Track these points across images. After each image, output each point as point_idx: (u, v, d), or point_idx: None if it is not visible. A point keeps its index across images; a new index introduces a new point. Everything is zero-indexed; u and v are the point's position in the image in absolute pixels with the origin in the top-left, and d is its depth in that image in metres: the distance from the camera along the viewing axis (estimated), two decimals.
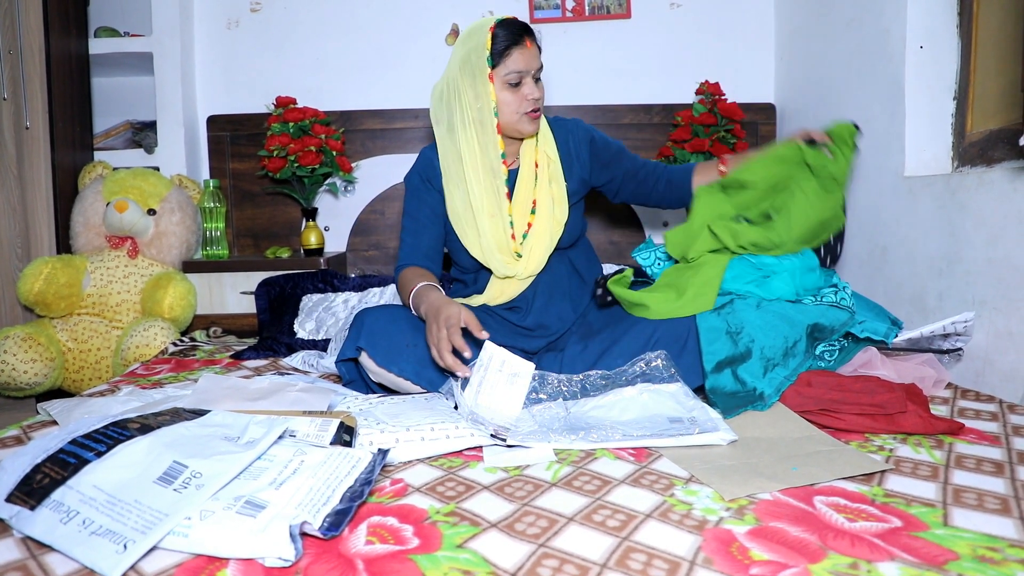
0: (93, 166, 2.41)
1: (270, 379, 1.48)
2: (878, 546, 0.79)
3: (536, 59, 1.47)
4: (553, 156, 1.56)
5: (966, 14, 1.74)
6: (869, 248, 2.02)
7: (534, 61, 1.46)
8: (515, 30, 1.45)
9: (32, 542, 0.82)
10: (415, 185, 1.61)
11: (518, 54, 1.44)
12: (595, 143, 1.64)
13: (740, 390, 1.30)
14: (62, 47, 2.35)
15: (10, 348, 2.02)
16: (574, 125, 1.65)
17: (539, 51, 1.49)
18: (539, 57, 1.48)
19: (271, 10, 2.71)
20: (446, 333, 1.24)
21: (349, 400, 1.32)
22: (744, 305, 1.39)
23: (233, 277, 2.38)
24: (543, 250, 1.54)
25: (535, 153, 1.56)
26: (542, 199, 1.54)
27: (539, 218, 1.53)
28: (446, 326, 1.24)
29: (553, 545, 0.81)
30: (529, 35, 1.46)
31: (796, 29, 2.55)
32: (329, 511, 0.84)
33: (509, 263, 1.54)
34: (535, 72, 1.47)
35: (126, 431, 0.94)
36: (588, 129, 1.66)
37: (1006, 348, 1.47)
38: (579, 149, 1.62)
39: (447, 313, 1.27)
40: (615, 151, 1.66)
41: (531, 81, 1.47)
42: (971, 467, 1.03)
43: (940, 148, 1.82)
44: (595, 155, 1.64)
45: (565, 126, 1.63)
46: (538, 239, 1.53)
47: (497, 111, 1.47)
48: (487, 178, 1.51)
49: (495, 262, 1.54)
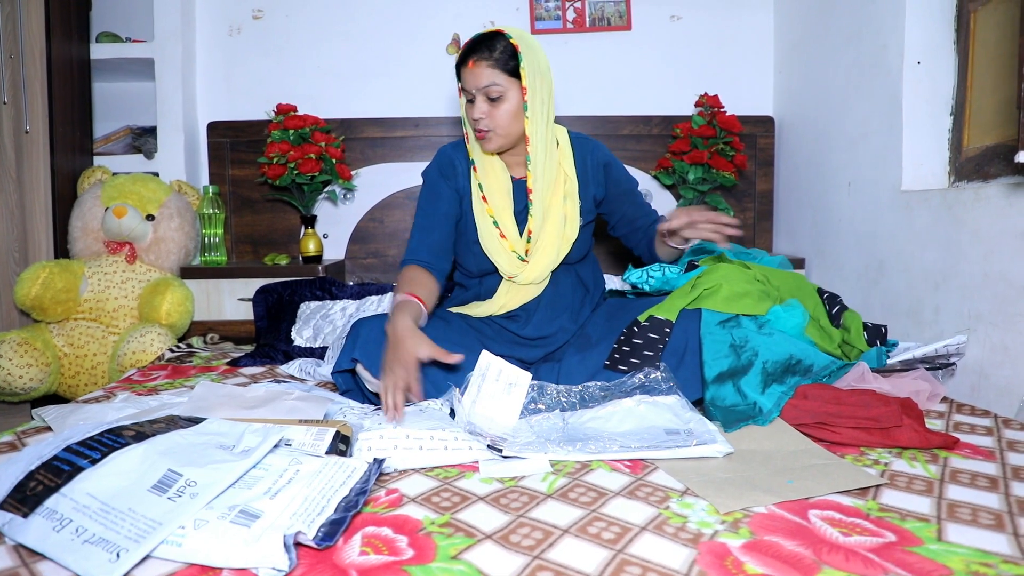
0: (92, 171, 2.41)
1: (266, 387, 1.48)
2: (872, 561, 0.79)
3: (477, 79, 1.43)
4: (571, 173, 1.56)
5: (963, 31, 1.76)
6: (866, 262, 2.03)
7: (473, 80, 1.44)
8: (465, 49, 1.46)
9: (25, 550, 0.82)
10: (432, 179, 1.61)
11: (464, 73, 1.46)
12: (611, 172, 1.64)
13: (740, 403, 1.30)
14: (63, 52, 2.35)
15: (6, 353, 2.02)
16: (594, 146, 1.64)
17: (496, 68, 1.43)
18: (486, 77, 1.43)
19: (273, 17, 2.72)
20: (403, 375, 1.23)
21: (345, 409, 1.32)
22: (749, 321, 1.41)
23: (231, 284, 2.38)
24: (546, 264, 1.54)
25: (546, 171, 1.54)
26: (555, 215, 1.54)
27: (547, 233, 1.53)
28: (404, 366, 1.25)
29: (548, 557, 0.81)
30: (475, 54, 1.43)
31: (795, 43, 2.56)
32: (324, 521, 0.84)
33: (511, 264, 1.54)
34: (479, 91, 1.44)
35: (121, 438, 0.94)
36: (608, 155, 1.65)
37: (1001, 362, 1.48)
38: (596, 170, 1.61)
39: (407, 348, 1.27)
40: (625, 190, 1.66)
41: (479, 100, 1.45)
42: (966, 482, 1.03)
43: (937, 163, 1.83)
44: (608, 183, 1.64)
45: (585, 145, 1.62)
46: (543, 252, 1.53)
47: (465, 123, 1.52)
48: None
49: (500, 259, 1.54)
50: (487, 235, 1.54)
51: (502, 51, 1.43)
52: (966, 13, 1.74)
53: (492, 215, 1.54)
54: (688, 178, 2.46)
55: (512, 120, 1.47)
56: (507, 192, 1.55)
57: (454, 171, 1.60)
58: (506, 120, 1.46)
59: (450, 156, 1.61)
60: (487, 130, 1.47)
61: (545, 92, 1.49)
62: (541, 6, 2.69)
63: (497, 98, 1.45)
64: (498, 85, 1.44)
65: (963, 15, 1.75)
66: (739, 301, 1.43)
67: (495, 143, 1.49)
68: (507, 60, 1.44)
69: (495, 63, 1.43)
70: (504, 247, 1.53)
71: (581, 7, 2.69)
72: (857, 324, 1.55)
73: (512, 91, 1.45)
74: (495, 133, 1.48)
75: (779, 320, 1.44)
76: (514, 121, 1.47)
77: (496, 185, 1.55)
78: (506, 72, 1.44)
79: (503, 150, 1.53)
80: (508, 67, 1.44)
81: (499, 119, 1.46)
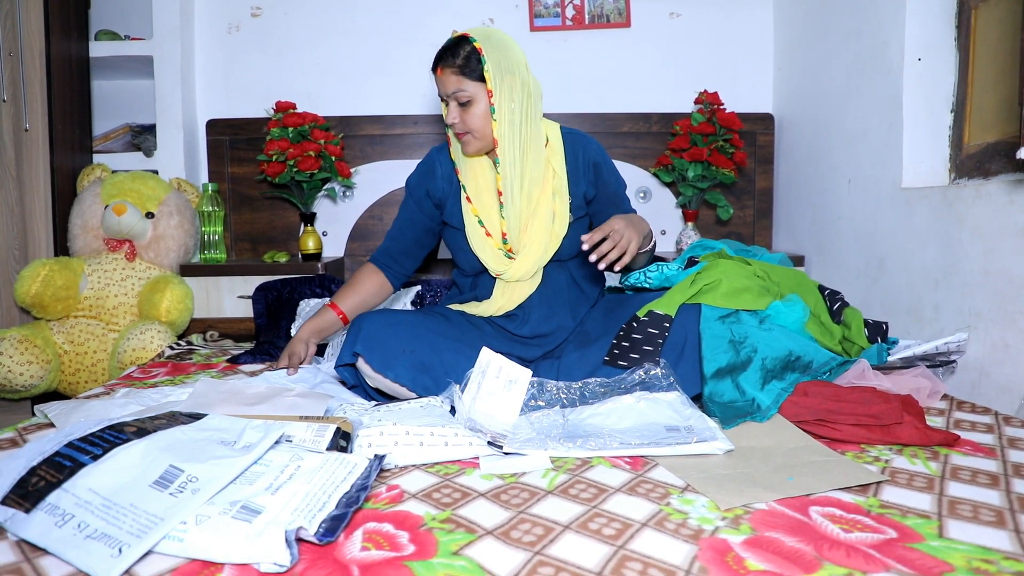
0: (92, 169, 2.41)
1: (267, 383, 1.48)
2: (873, 557, 0.79)
3: (445, 85, 1.47)
4: (560, 170, 1.55)
5: (964, 27, 1.75)
6: (866, 259, 2.03)
7: (442, 87, 1.47)
8: (436, 56, 1.49)
9: (27, 545, 0.82)
10: (411, 185, 1.65)
11: (436, 79, 1.49)
12: (600, 172, 1.59)
13: (739, 399, 1.30)
14: (62, 50, 2.35)
15: (6, 350, 2.02)
16: (586, 143, 1.61)
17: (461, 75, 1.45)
18: (453, 84, 1.45)
19: (272, 15, 2.72)
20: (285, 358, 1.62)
21: (346, 406, 1.32)
22: (749, 316, 1.40)
23: (231, 281, 2.38)
24: (534, 261, 1.53)
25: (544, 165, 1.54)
26: (543, 211, 1.54)
27: (534, 229, 1.53)
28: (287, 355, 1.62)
29: (548, 553, 0.81)
30: (441, 62, 1.46)
31: (795, 40, 2.56)
32: (325, 517, 0.84)
33: (498, 261, 1.55)
34: (449, 96, 1.47)
35: (122, 434, 0.94)
36: (600, 155, 1.61)
37: (1002, 360, 1.48)
38: (587, 168, 1.59)
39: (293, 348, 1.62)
40: (611, 193, 1.61)
41: (451, 105, 1.48)
42: (966, 479, 1.03)
43: (937, 160, 1.83)
44: (597, 184, 1.60)
45: (577, 141, 1.60)
46: (530, 249, 1.53)
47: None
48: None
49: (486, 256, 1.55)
50: (473, 234, 1.56)
51: (465, 57, 1.45)
52: (967, 10, 1.74)
53: (477, 214, 1.55)
54: (688, 175, 2.46)
55: (484, 122, 1.48)
56: (493, 190, 1.55)
57: (433, 175, 1.62)
58: (479, 123, 1.47)
59: (432, 160, 1.63)
60: (464, 132, 1.49)
61: (519, 91, 1.46)
62: (540, 3, 2.69)
63: (467, 103, 1.47)
64: (464, 91, 1.46)
65: (964, 12, 1.75)
66: (739, 296, 1.43)
67: (474, 146, 1.51)
68: (472, 65, 1.45)
69: (458, 69, 1.45)
70: (489, 244, 1.54)
71: (580, 4, 2.69)
72: (858, 321, 1.56)
73: (480, 94, 1.46)
74: (472, 136, 1.49)
75: (779, 315, 1.44)
76: (486, 123, 1.48)
77: (482, 184, 1.55)
78: (471, 78, 1.45)
79: (484, 151, 1.53)
80: (474, 73, 1.45)
81: (471, 122, 1.48)
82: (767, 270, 1.52)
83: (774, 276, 1.51)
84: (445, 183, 1.61)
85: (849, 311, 1.58)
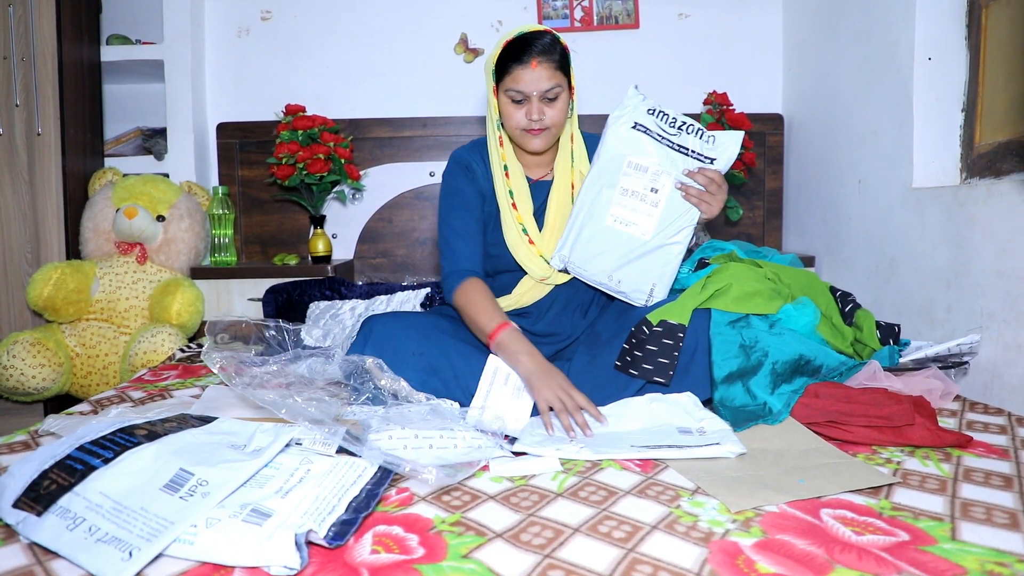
0: (103, 172, 2.43)
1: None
2: (885, 560, 0.79)
3: (539, 82, 1.40)
4: (585, 172, 1.55)
5: (975, 26, 1.74)
6: (877, 259, 2.02)
7: (533, 84, 1.40)
8: (519, 48, 1.41)
9: (38, 548, 0.83)
10: (459, 184, 1.56)
11: (519, 73, 1.41)
12: None
13: (750, 403, 1.29)
14: (74, 54, 2.37)
15: (18, 353, 2.03)
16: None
17: (557, 70, 1.41)
18: (549, 79, 1.40)
19: (281, 19, 2.73)
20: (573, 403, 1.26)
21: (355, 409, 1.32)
22: (759, 321, 1.40)
23: (241, 284, 2.39)
24: None
25: (571, 172, 1.54)
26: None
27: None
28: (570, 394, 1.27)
29: (558, 556, 0.81)
30: (537, 55, 1.39)
31: (804, 40, 2.55)
32: (335, 520, 0.84)
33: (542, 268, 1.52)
34: (541, 94, 1.41)
35: (133, 438, 0.94)
36: None
37: (1015, 361, 1.46)
38: None
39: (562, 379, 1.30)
40: None
41: (534, 101, 1.42)
42: (979, 481, 1.02)
43: (948, 160, 1.82)
44: None
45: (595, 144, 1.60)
46: None
47: (502, 123, 1.48)
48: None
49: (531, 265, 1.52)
50: (516, 242, 1.51)
51: (561, 52, 1.43)
52: (977, 9, 1.73)
53: (522, 222, 1.52)
54: None
55: (564, 117, 1.47)
56: (527, 196, 1.54)
57: (474, 175, 1.57)
58: (561, 118, 1.46)
59: (467, 159, 1.58)
60: (542, 129, 1.45)
61: None
62: (549, 5, 2.69)
63: (554, 98, 1.44)
64: (560, 86, 1.43)
65: (974, 11, 1.74)
66: (749, 301, 1.42)
67: (547, 142, 1.48)
68: (565, 61, 1.44)
69: (556, 64, 1.41)
70: (533, 252, 1.52)
71: (589, 6, 2.69)
72: (870, 323, 1.55)
73: (565, 90, 1.45)
74: (550, 132, 1.46)
75: (790, 319, 1.44)
76: (564, 118, 1.48)
77: (520, 189, 1.54)
78: (563, 72, 1.44)
79: (548, 148, 1.52)
80: (564, 68, 1.44)
81: (556, 118, 1.45)
82: (778, 272, 1.51)
83: (785, 278, 1.51)
84: (485, 182, 1.57)
85: (861, 313, 1.57)
